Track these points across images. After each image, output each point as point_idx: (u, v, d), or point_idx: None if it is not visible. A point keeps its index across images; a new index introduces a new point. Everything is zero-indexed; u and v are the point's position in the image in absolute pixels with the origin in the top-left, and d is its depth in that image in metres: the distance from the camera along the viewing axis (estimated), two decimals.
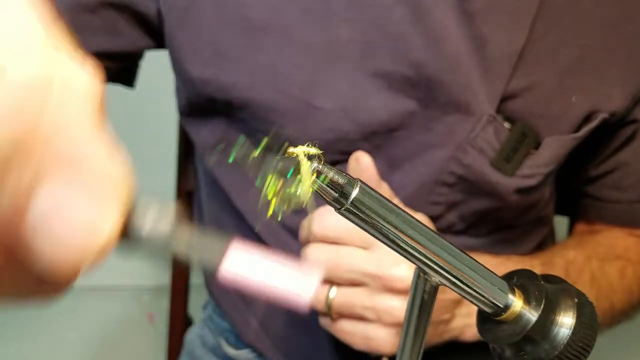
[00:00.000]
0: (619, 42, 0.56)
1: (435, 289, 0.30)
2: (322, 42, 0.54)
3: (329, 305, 0.49)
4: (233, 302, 0.72)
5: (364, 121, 0.55)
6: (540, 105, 0.55)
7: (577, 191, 0.68)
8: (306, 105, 0.55)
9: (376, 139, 0.56)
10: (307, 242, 0.50)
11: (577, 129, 0.57)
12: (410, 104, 0.54)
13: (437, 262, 0.27)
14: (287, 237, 0.63)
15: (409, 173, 0.57)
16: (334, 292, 0.49)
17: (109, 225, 0.17)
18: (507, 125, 0.55)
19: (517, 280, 0.31)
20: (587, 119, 0.57)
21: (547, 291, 0.29)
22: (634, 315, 0.68)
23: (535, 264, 0.56)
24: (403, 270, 0.47)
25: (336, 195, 0.26)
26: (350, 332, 0.50)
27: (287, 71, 0.54)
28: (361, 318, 0.49)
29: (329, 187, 0.26)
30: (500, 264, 0.54)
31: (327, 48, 0.54)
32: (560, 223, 0.76)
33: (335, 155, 0.56)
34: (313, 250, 0.49)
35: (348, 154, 0.56)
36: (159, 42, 0.61)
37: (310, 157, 0.28)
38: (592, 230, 0.68)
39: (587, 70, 0.56)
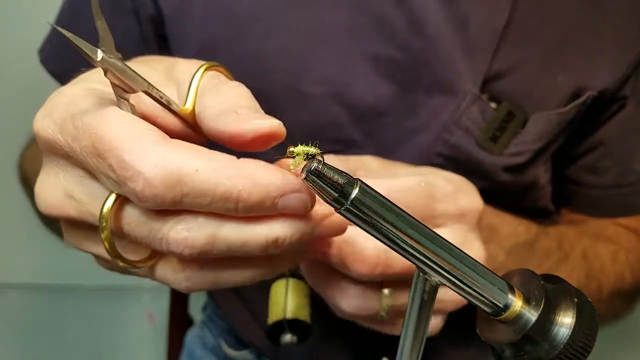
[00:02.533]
0: (605, 20, 0.56)
1: (435, 289, 0.30)
2: (308, 28, 0.54)
3: (385, 313, 0.41)
4: (233, 302, 0.72)
5: (352, 105, 0.55)
6: (525, 85, 0.55)
7: (561, 176, 0.67)
8: (295, 91, 0.55)
9: (365, 125, 0.56)
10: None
11: (565, 107, 0.56)
12: (395, 87, 0.55)
13: (437, 262, 0.27)
14: None
15: (400, 159, 0.57)
16: (388, 299, 0.40)
17: None
18: (493, 105, 0.55)
19: (517, 280, 0.31)
20: (576, 97, 0.56)
21: (547, 291, 0.29)
22: (624, 308, 0.67)
23: (532, 227, 0.54)
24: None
25: (336, 195, 0.26)
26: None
27: (274, 58, 0.55)
28: None
29: (329, 187, 0.26)
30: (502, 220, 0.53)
31: (313, 33, 0.54)
32: None
33: (328, 143, 0.56)
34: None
35: (340, 141, 0.56)
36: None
37: (310, 157, 0.28)
38: (576, 220, 0.67)
39: (573, 48, 0.56)
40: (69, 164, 0.30)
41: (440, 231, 0.34)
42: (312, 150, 0.27)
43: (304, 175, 0.26)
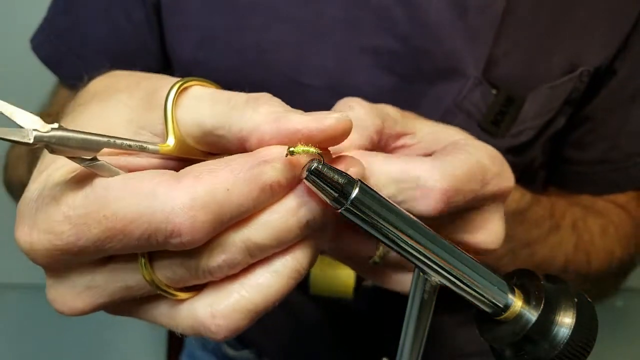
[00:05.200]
0: None
1: (435, 289, 0.30)
2: (307, 19, 0.54)
3: (379, 261, 0.38)
4: None
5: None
6: (522, 68, 0.55)
7: (551, 155, 0.67)
8: (294, 82, 0.55)
9: None
10: None
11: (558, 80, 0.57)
12: (395, 80, 0.55)
13: (437, 262, 0.27)
14: None
15: None
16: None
17: None
18: (493, 91, 0.55)
19: (517, 280, 0.31)
20: (570, 72, 0.57)
21: (547, 291, 0.29)
22: (613, 283, 0.66)
23: (526, 195, 0.54)
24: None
25: (336, 195, 0.26)
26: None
27: (274, 49, 0.55)
28: None
29: (329, 187, 0.26)
30: None
31: (312, 25, 0.55)
32: None
33: None
34: None
35: None
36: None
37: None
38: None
39: (567, 27, 0.56)
40: (76, 261, 0.27)
41: (475, 212, 0.34)
42: (312, 150, 0.27)
43: (304, 175, 0.26)
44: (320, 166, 0.26)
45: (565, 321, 0.28)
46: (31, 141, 0.23)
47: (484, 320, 0.31)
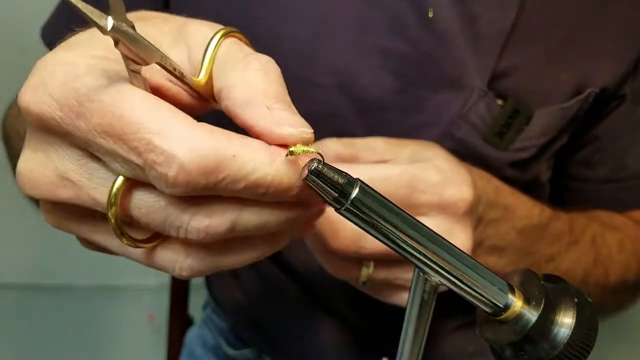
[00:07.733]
0: (610, 18, 0.57)
1: (435, 289, 0.30)
2: (318, 16, 0.55)
3: (365, 281, 0.44)
4: (234, 300, 0.72)
5: (357, 97, 0.55)
6: (531, 82, 0.56)
7: (558, 172, 0.67)
8: (303, 79, 0.55)
9: (369, 119, 0.56)
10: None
11: (568, 102, 0.57)
12: (400, 83, 0.55)
13: (437, 262, 0.27)
14: None
15: None
16: (368, 269, 0.43)
17: None
18: (499, 102, 0.55)
19: (517, 280, 0.31)
20: (578, 93, 0.57)
21: (547, 291, 0.29)
22: (629, 297, 0.67)
23: (545, 210, 0.55)
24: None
25: (336, 195, 0.26)
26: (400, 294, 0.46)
27: (286, 43, 0.55)
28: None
29: (329, 187, 0.26)
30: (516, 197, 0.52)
31: (323, 22, 0.55)
32: None
33: (331, 136, 0.56)
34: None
35: (342, 134, 0.56)
36: None
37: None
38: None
39: (578, 47, 0.56)
40: (63, 143, 0.27)
41: (423, 220, 0.35)
42: (312, 150, 0.27)
43: (304, 175, 0.26)
44: (320, 166, 0.26)
45: (565, 321, 0.28)
46: (108, 28, 0.23)
47: (483, 320, 0.31)
